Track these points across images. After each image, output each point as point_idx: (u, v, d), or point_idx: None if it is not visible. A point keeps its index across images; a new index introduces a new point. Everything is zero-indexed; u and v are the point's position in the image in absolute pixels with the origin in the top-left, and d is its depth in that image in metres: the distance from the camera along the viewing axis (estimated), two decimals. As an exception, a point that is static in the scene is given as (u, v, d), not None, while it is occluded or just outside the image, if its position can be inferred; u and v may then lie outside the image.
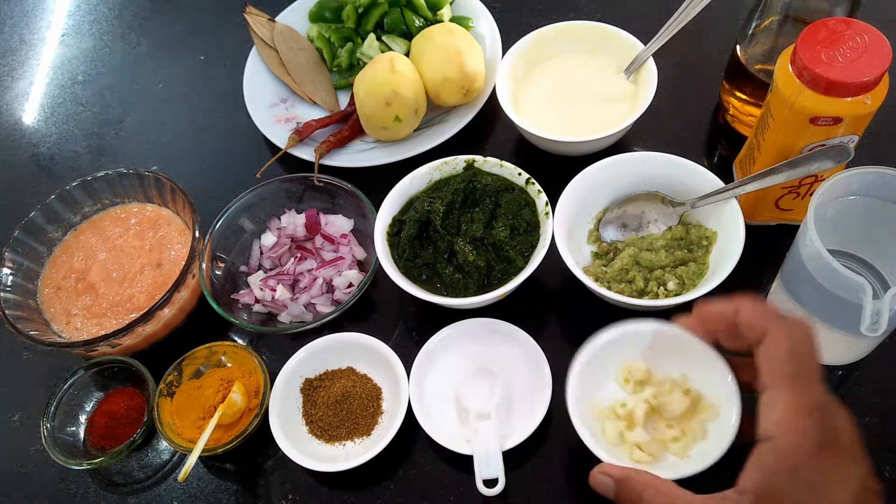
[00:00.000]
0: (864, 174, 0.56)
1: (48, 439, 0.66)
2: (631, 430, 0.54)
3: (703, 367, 0.51)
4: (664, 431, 0.53)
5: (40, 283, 0.77)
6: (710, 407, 0.52)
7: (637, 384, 0.55)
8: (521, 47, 0.82)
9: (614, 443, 0.54)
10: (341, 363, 0.69)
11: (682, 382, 0.54)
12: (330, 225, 0.76)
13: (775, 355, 0.41)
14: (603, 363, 0.56)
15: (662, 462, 0.52)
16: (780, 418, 0.39)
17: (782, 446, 0.39)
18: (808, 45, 0.56)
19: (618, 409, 0.55)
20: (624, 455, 0.52)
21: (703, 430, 0.52)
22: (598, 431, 0.54)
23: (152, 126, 0.96)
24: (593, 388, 0.55)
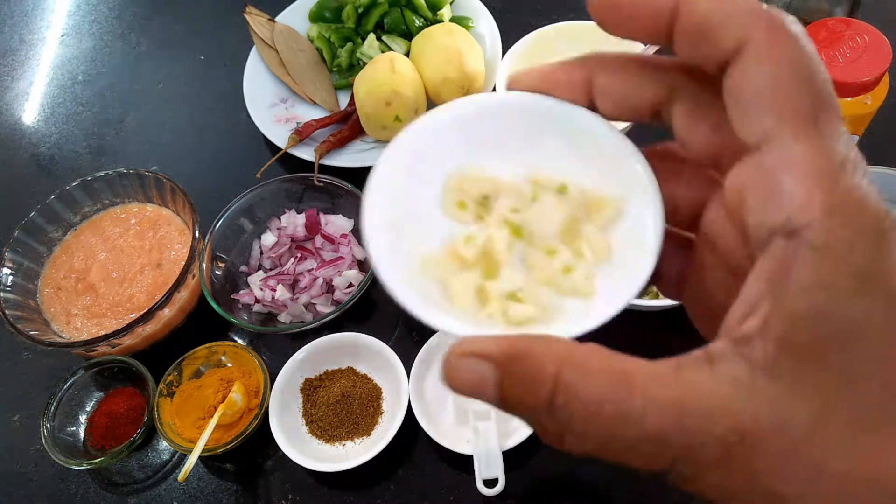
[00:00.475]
0: (864, 174, 0.56)
1: (48, 439, 0.66)
2: (493, 276, 0.30)
3: (578, 144, 0.30)
4: (545, 264, 0.30)
5: (40, 283, 0.77)
6: (605, 202, 0.30)
7: (479, 204, 0.32)
8: (521, 47, 0.82)
9: (472, 307, 0.29)
10: (341, 363, 0.69)
11: (551, 177, 0.31)
12: (330, 225, 0.76)
13: (773, 79, 0.21)
14: (415, 184, 0.32)
15: (559, 313, 0.29)
16: (811, 193, 0.20)
17: (827, 241, 0.19)
18: (808, 45, 0.56)
19: (461, 249, 0.31)
20: (495, 321, 0.29)
21: (604, 241, 0.30)
22: (437, 297, 0.29)
23: (152, 126, 0.96)
24: (411, 227, 0.31)
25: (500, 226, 0.31)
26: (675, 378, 0.20)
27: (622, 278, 0.27)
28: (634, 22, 0.24)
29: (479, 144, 0.31)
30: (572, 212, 0.30)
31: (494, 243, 0.30)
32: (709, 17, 0.22)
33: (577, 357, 0.21)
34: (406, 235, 0.30)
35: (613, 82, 0.26)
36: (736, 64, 0.22)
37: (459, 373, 0.23)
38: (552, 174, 0.31)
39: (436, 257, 0.30)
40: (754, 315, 0.20)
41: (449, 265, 0.30)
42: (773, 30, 0.21)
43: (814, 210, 0.20)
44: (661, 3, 0.23)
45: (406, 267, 0.29)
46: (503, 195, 0.31)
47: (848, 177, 0.20)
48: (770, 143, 0.21)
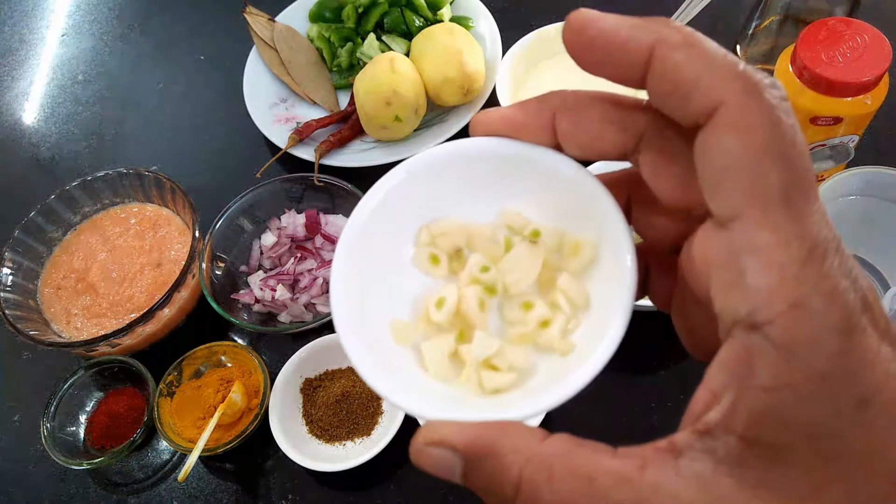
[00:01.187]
0: (863, 174, 0.56)
1: (48, 439, 0.66)
2: (467, 341, 0.28)
3: (547, 187, 0.28)
4: (522, 318, 0.28)
5: (40, 283, 0.77)
6: (580, 246, 0.28)
7: (452, 258, 0.30)
8: (521, 47, 0.82)
9: (445, 375, 0.28)
10: (341, 363, 0.69)
11: (524, 223, 0.29)
12: (330, 225, 0.76)
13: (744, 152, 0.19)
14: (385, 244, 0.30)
15: (537, 374, 0.27)
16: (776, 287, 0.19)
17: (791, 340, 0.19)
18: (808, 45, 0.56)
19: (432, 313, 0.29)
20: (468, 391, 0.27)
21: (581, 290, 0.28)
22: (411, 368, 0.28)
23: (152, 126, 0.96)
24: (382, 293, 0.29)
25: (472, 283, 0.29)
26: (638, 479, 0.20)
27: (600, 331, 0.25)
28: (607, 65, 0.22)
29: (448, 196, 0.30)
30: (548, 260, 0.29)
31: (466, 304, 0.28)
32: (683, 70, 0.20)
33: (542, 457, 0.21)
34: (377, 300, 0.29)
35: (576, 128, 0.25)
36: (708, 128, 0.20)
37: (426, 458, 0.24)
38: (524, 219, 0.29)
39: (407, 322, 0.29)
40: (717, 407, 0.20)
41: (421, 330, 0.29)
42: (749, 94, 0.19)
43: (777, 305, 0.19)
44: (634, 49, 0.21)
45: (376, 335, 0.28)
46: (477, 246, 0.30)
47: (816, 266, 0.19)
48: (737, 223, 0.19)
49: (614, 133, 0.24)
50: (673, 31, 0.21)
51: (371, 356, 0.26)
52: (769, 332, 0.19)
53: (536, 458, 0.21)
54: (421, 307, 0.29)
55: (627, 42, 0.21)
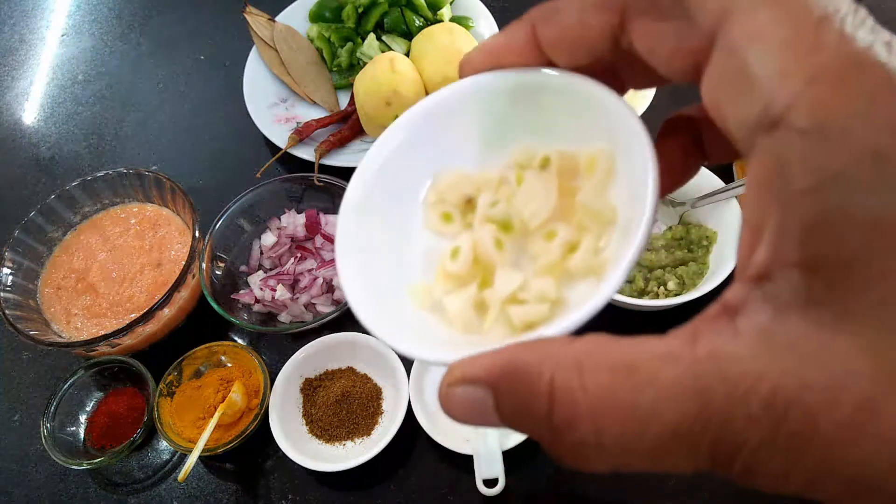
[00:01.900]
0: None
1: (48, 439, 0.66)
2: (489, 284, 0.26)
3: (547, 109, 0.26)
4: (545, 250, 0.26)
5: (40, 283, 0.77)
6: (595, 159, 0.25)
7: (466, 211, 0.28)
8: (521, 47, 0.82)
9: (473, 326, 0.25)
10: (341, 363, 0.69)
11: (531, 154, 0.27)
12: (330, 225, 0.76)
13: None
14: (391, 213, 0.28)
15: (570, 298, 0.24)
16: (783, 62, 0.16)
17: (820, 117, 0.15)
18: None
19: (448, 266, 0.26)
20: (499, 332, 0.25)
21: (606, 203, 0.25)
22: (431, 324, 0.26)
23: (152, 126, 0.96)
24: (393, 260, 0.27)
25: (485, 224, 0.26)
26: (690, 353, 0.16)
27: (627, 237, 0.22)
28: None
29: (448, 147, 0.28)
30: (563, 184, 0.26)
31: (482, 247, 0.26)
32: None
33: (571, 356, 0.17)
34: (389, 268, 0.26)
35: (560, 32, 0.23)
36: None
37: (454, 402, 0.20)
38: (531, 151, 0.27)
39: (424, 284, 0.27)
40: (762, 241, 0.16)
41: (442, 287, 0.26)
42: None
43: (793, 83, 0.15)
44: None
45: (394, 302, 0.26)
46: (486, 191, 0.27)
47: (833, 31, 0.15)
48: (730, 20, 0.17)
49: (596, 16, 0.22)
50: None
51: (391, 323, 0.24)
52: (792, 121, 0.15)
53: (564, 360, 0.17)
54: (437, 264, 0.27)
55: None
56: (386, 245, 0.27)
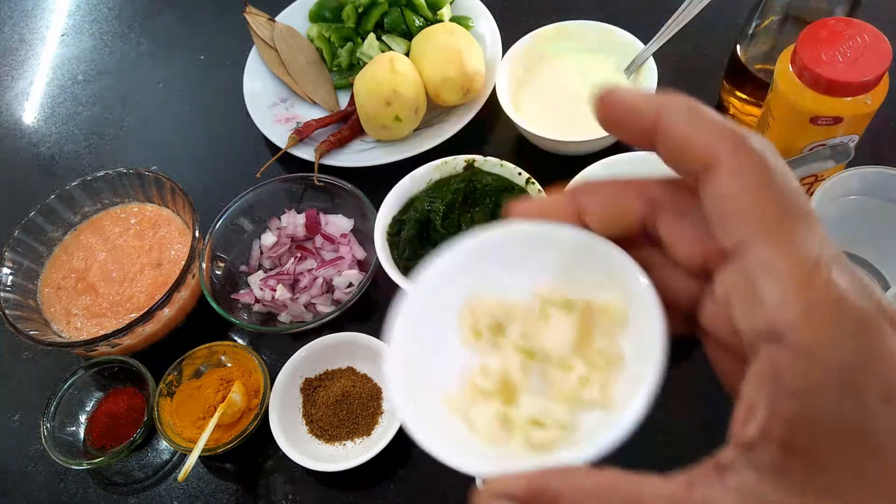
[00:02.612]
0: (864, 174, 0.56)
1: (48, 439, 0.66)
2: (513, 403, 0.32)
3: (575, 261, 0.32)
4: (562, 380, 0.32)
5: (40, 283, 0.77)
6: (611, 310, 0.31)
7: (494, 331, 0.34)
8: (521, 47, 0.82)
9: (496, 438, 0.31)
10: (341, 363, 0.69)
11: (556, 295, 0.33)
12: (330, 225, 0.76)
13: (741, 192, 0.23)
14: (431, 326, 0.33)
15: (582, 429, 0.30)
16: (786, 295, 0.21)
17: (808, 342, 0.20)
18: (808, 44, 0.56)
19: (478, 381, 0.32)
20: (520, 450, 0.30)
21: (616, 349, 0.31)
22: (463, 434, 0.31)
23: (152, 126, 0.96)
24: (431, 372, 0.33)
25: (513, 352, 0.32)
26: (687, 497, 0.21)
27: (636, 384, 0.28)
28: (626, 131, 0.27)
29: (484, 276, 0.33)
30: (582, 324, 0.32)
31: (510, 371, 0.32)
32: (681, 133, 0.24)
33: (591, 489, 0.23)
34: (428, 376, 0.32)
35: (599, 207, 0.29)
36: (708, 178, 0.24)
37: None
38: (557, 291, 0.33)
39: (456, 395, 0.32)
40: (753, 420, 0.21)
41: (470, 399, 0.32)
42: (739, 147, 0.23)
43: (791, 313, 0.20)
44: (644, 116, 0.25)
45: (430, 407, 0.31)
46: (516, 319, 0.33)
47: (823, 276, 0.21)
48: (744, 251, 0.22)
49: (633, 203, 0.28)
50: (674, 100, 0.25)
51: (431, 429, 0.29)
52: (788, 339, 0.20)
53: (586, 490, 0.23)
54: (468, 378, 0.32)
55: (640, 110, 0.26)
56: (425, 355, 0.32)
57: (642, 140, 0.26)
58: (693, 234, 0.26)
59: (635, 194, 0.28)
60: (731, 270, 0.23)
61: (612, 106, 0.27)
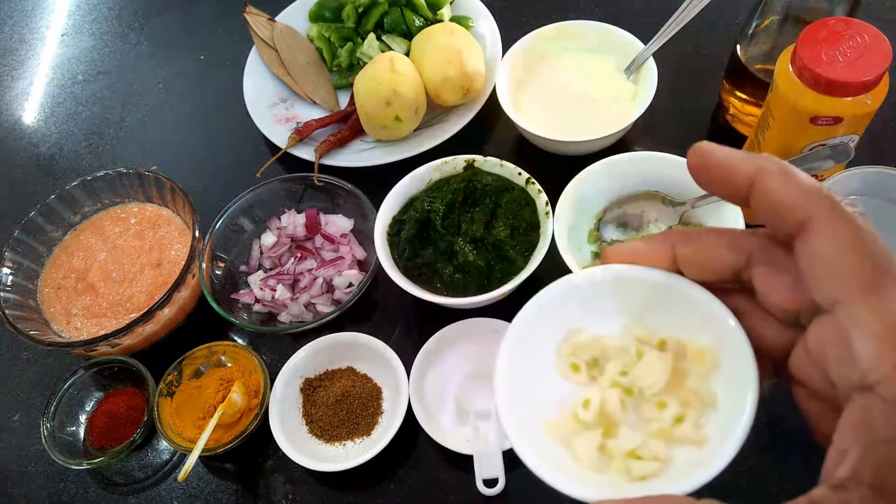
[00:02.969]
0: (864, 174, 0.56)
1: (48, 439, 0.66)
2: (613, 436, 0.34)
3: (669, 304, 0.34)
4: (658, 416, 0.34)
5: (40, 283, 0.77)
6: (703, 353, 0.33)
7: (591, 366, 0.36)
8: (521, 47, 0.82)
9: (597, 466, 0.33)
10: (341, 363, 0.69)
11: (651, 335, 0.35)
12: (330, 225, 0.76)
13: (836, 252, 0.25)
14: (533, 356, 0.36)
15: (676, 463, 0.32)
16: (878, 350, 0.23)
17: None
18: (808, 44, 0.56)
19: (580, 413, 0.35)
20: (619, 478, 0.33)
21: (708, 390, 0.33)
22: (566, 460, 0.34)
23: (152, 126, 0.96)
24: (533, 399, 0.35)
25: (612, 387, 0.35)
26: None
27: (729, 424, 0.30)
28: (720, 187, 0.29)
29: (583, 313, 0.36)
30: (675, 365, 0.34)
31: (609, 405, 0.34)
32: (778, 193, 0.26)
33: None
34: (530, 404, 0.34)
35: (694, 254, 0.31)
36: (803, 238, 0.26)
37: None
38: (652, 332, 0.35)
39: (558, 422, 0.35)
40: (845, 462, 0.23)
41: (571, 427, 0.35)
42: (833, 210, 0.25)
43: (883, 367, 0.23)
44: (739, 176, 0.28)
45: (533, 433, 0.34)
46: (611, 356, 0.35)
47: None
48: (839, 307, 0.25)
49: (728, 253, 0.29)
50: (771, 162, 0.27)
51: (537, 454, 0.32)
52: (880, 391, 0.23)
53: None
54: (567, 408, 0.35)
55: (736, 169, 0.28)
56: (527, 383, 0.35)
57: (735, 197, 0.28)
58: (787, 286, 0.28)
59: (731, 244, 0.30)
60: (825, 324, 0.26)
61: (708, 164, 0.29)
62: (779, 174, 0.27)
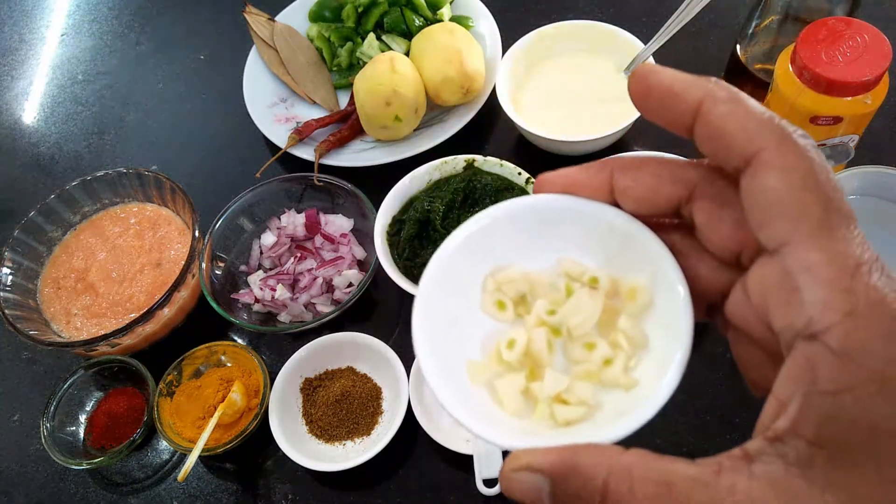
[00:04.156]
0: (864, 174, 0.56)
1: (48, 439, 0.66)
2: (537, 377, 0.31)
3: (603, 238, 0.31)
4: (586, 358, 0.31)
5: (40, 283, 0.77)
6: (637, 291, 0.31)
7: (518, 303, 0.33)
8: (521, 47, 0.82)
9: (520, 411, 0.31)
10: (341, 363, 0.69)
11: (582, 271, 0.32)
12: (330, 224, 0.76)
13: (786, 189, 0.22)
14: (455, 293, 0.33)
15: (604, 409, 0.30)
16: (828, 296, 0.21)
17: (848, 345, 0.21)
18: (808, 44, 0.56)
19: (504, 353, 0.32)
20: (542, 424, 0.30)
21: (640, 331, 0.31)
22: (487, 404, 0.31)
23: (152, 126, 0.96)
24: (456, 337, 0.32)
25: (539, 326, 0.32)
26: (714, 483, 0.21)
27: (660, 368, 0.28)
28: (663, 112, 0.26)
29: (511, 246, 0.33)
30: (606, 303, 0.31)
31: (535, 345, 0.32)
32: (725, 122, 0.24)
33: (622, 466, 0.23)
34: (452, 342, 0.31)
35: (633, 184, 0.28)
36: (750, 170, 0.23)
37: (515, 485, 0.25)
38: (583, 267, 0.32)
39: (480, 362, 0.32)
40: (785, 415, 0.22)
41: (494, 369, 0.32)
42: (784, 140, 0.23)
43: (832, 314, 0.21)
44: (686, 100, 0.25)
45: (454, 374, 0.31)
46: (539, 292, 0.33)
47: (864, 279, 0.21)
48: (787, 248, 0.22)
49: (669, 186, 0.27)
50: (719, 88, 0.24)
51: (457, 396, 0.29)
52: (827, 340, 0.21)
53: (617, 467, 0.23)
54: (491, 348, 0.32)
55: (681, 94, 0.25)
56: (449, 320, 0.32)
57: (678, 125, 0.26)
58: (730, 224, 0.26)
59: (673, 176, 0.27)
60: (768, 265, 0.23)
61: (650, 86, 0.26)
62: (728, 101, 0.24)
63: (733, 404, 0.62)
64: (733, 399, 0.62)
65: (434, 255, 0.32)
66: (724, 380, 0.63)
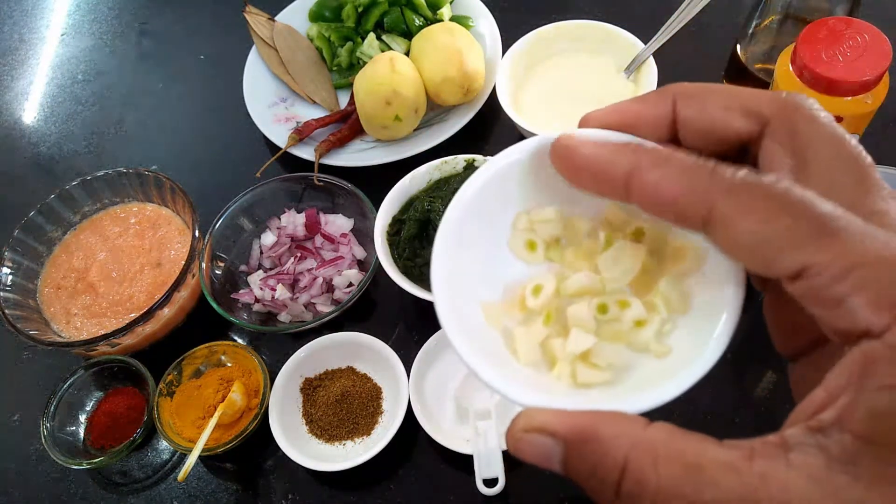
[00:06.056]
0: (864, 174, 0.55)
1: (48, 439, 0.66)
2: (563, 334, 0.28)
3: None
4: (617, 316, 0.27)
5: (40, 283, 0.77)
6: (686, 250, 0.27)
7: (551, 246, 0.29)
8: (521, 47, 0.82)
9: (535, 363, 0.27)
10: (341, 363, 0.69)
11: (627, 221, 0.28)
12: (330, 224, 0.76)
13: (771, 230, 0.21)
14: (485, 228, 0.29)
15: (630, 374, 0.27)
16: None
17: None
18: (808, 44, 0.56)
19: (528, 299, 0.28)
20: (560, 381, 0.27)
21: (682, 294, 0.27)
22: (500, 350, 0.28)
23: (152, 126, 0.96)
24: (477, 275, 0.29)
25: (568, 276, 0.29)
26: (747, 469, 0.20)
27: (698, 339, 0.25)
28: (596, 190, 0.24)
29: (550, 186, 0.29)
30: (646, 261, 0.28)
31: (563, 294, 0.28)
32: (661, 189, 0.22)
33: (647, 442, 0.21)
34: (471, 276, 0.28)
35: (699, 114, 0.25)
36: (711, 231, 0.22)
37: (525, 445, 0.23)
38: (629, 217, 0.28)
39: (500, 305, 0.29)
40: (833, 406, 0.20)
41: (514, 314, 0.29)
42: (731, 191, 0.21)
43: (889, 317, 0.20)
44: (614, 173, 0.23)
45: (467, 309, 0.28)
46: (575, 239, 0.29)
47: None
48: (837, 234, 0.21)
49: (739, 119, 0.24)
50: (645, 154, 0.23)
51: (469, 341, 0.26)
52: (888, 338, 0.20)
53: (642, 442, 0.21)
54: (515, 291, 0.29)
55: (607, 168, 0.23)
56: (473, 256, 0.29)
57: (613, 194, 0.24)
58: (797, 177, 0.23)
59: (745, 108, 0.24)
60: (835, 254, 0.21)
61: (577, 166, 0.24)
62: (653, 166, 0.22)
63: (733, 404, 0.62)
64: (733, 399, 0.62)
65: (469, 178, 0.29)
66: (724, 379, 0.63)
